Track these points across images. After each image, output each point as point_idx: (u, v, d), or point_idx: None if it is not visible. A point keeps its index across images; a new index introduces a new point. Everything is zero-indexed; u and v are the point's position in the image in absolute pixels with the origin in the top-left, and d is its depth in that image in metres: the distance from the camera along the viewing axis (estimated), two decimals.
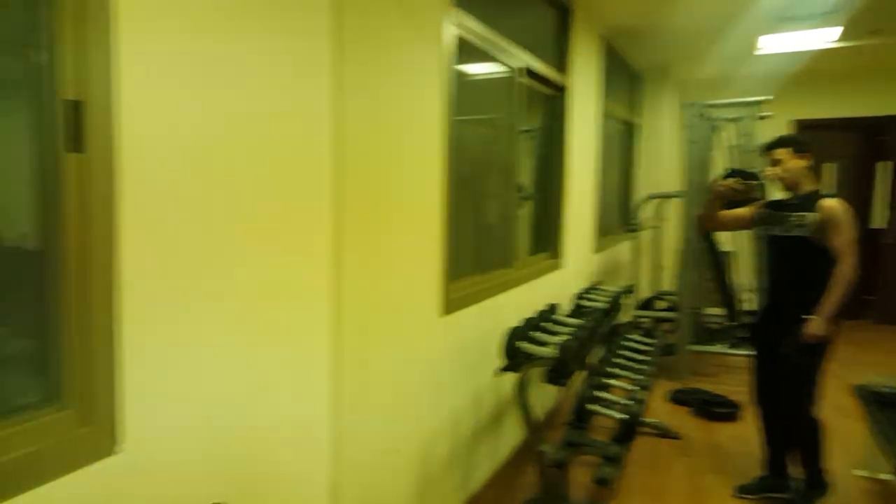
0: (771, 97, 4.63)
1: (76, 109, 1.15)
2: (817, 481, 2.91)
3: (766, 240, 3.04)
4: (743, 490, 3.13)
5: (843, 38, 5.15)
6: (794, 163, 2.83)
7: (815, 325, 2.72)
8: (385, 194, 2.12)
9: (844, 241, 2.71)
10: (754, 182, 2.94)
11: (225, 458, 1.51)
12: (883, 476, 3.18)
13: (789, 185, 2.88)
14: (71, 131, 1.15)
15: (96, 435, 1.20)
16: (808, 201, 2.81)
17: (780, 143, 2.88)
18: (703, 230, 3.45)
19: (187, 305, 1.37)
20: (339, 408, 1.89)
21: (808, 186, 2.85)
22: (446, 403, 2.67)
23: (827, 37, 4.96)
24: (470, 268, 3.02)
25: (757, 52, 5.59)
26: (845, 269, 2.70)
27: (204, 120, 1.39)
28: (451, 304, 2.62)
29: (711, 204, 3.13)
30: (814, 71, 6.51)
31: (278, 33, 1.59)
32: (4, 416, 1.10)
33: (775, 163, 2.86)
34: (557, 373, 2.59)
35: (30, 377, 1.19)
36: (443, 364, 2.61)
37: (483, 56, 2.96)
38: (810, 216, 2.76)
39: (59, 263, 1.16)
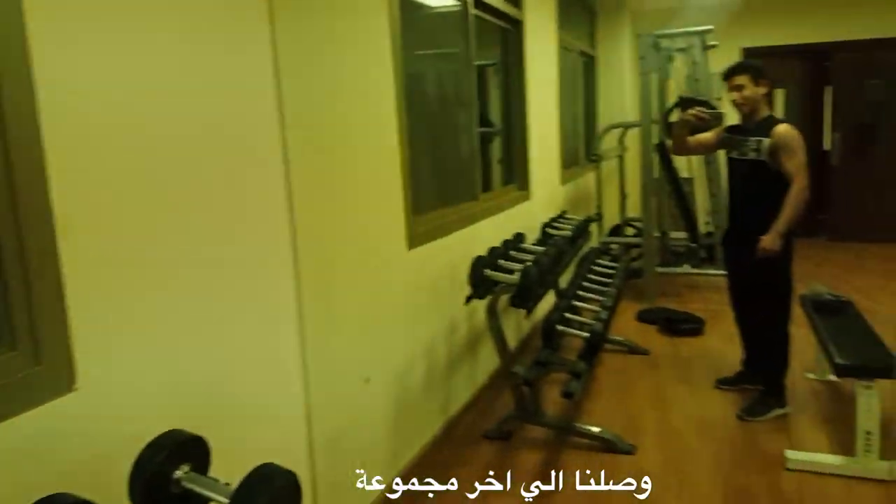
0: (712, 27, 4.69)
1: None
2: (778, 392, 3.10)
3: (728, 162, 3.18)
4: (722, 382, 3.43)
5: None
6: (753, 90, 2.94)
7: (768, 240, 2.89)
8: (337, 130, 2.17)
9: (796, 164, 2.86)
10: (717, 111, 3.05)
11: (193, 393, 1.55)
12: (830, 377, 3.40)
13: (748, 112, 3.00)
14: None
15: (50, 373, 1.22)
16: (764, 127, 2.93)
17: (741, 68, 2.98)
18: (673, 153, 3.64)
19: (140, 249, 1.41)
20: (306, 340, 1.97)
21: (763, 112, 2.99)
22: (421, 333, 2.79)
23: None
24: (436, 202, 3.11)
25: None
26: (797, 191, 2.85)
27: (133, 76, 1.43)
28: (418, 238, 2.72)
29: (680, 131, 3.23)
30: None
31: None
32: None
33: (737, 88, 2.96)
34: (521, 297, 2.71)
35: None
36: (414, 295, 2.72)
37: None
38: (766, 141, 2.89)
39: None
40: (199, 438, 1.22)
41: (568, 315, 3.07)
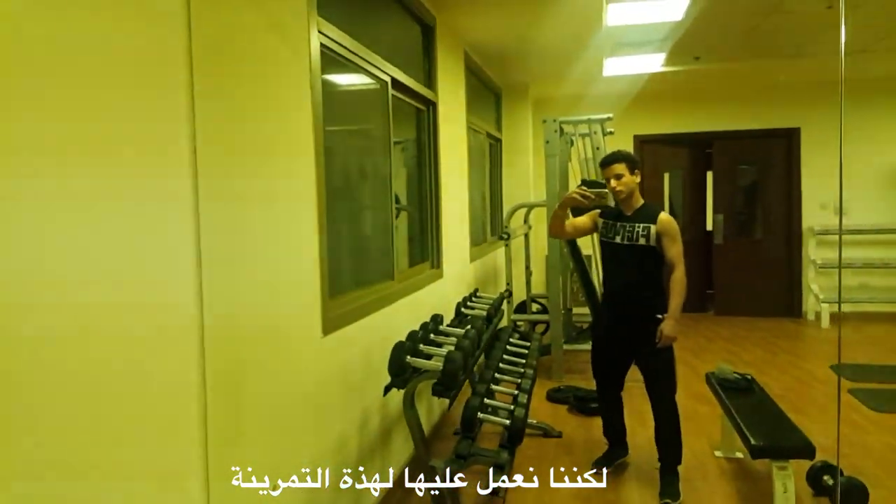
0: (611, 115, 4.98)
1: None
2: (679, 455, 3.15)
3: (605, 247, 3.24)
4: (598, 464, 3.42)
5: (670, 63, 5.77)
6: (630, 178, 3.07)
7: (668, 327, 3.00)
8: (254, 207, 2.00)
9: (677, 251, 3.02)
10: (604, 191, 3.11)
11: None
12: (738, 454, 3.47)
13: (625, 198, 3.10)
14: None
15: None
16: (645, 214, 3.08)
17: (619, 157, 3.09)
18: (550, 236, 3.73)
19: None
20: (209, 447, 1.72)
21: (639, 200, 3.13)
22: (332, 428, 2.56)
23: (656, 62, 5.57)
24: (351, 283, 2.94)
25: (604, 74, 6.06)
26: (681, 277, 3.00)
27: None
28: (333, 322, 2.53)
29: (557, 212, 3.27)
30: (650, 92, 7.23)
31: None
32: None
33: (616, 176, 3.06)
34: (445, 385, 2.56)
35: None
36: (326, 385, 2.50)
37: (350, 68, 2.92)
38: (653, 227, 3.02)
39: None
40: None
41: (487, 401, 2.95)
